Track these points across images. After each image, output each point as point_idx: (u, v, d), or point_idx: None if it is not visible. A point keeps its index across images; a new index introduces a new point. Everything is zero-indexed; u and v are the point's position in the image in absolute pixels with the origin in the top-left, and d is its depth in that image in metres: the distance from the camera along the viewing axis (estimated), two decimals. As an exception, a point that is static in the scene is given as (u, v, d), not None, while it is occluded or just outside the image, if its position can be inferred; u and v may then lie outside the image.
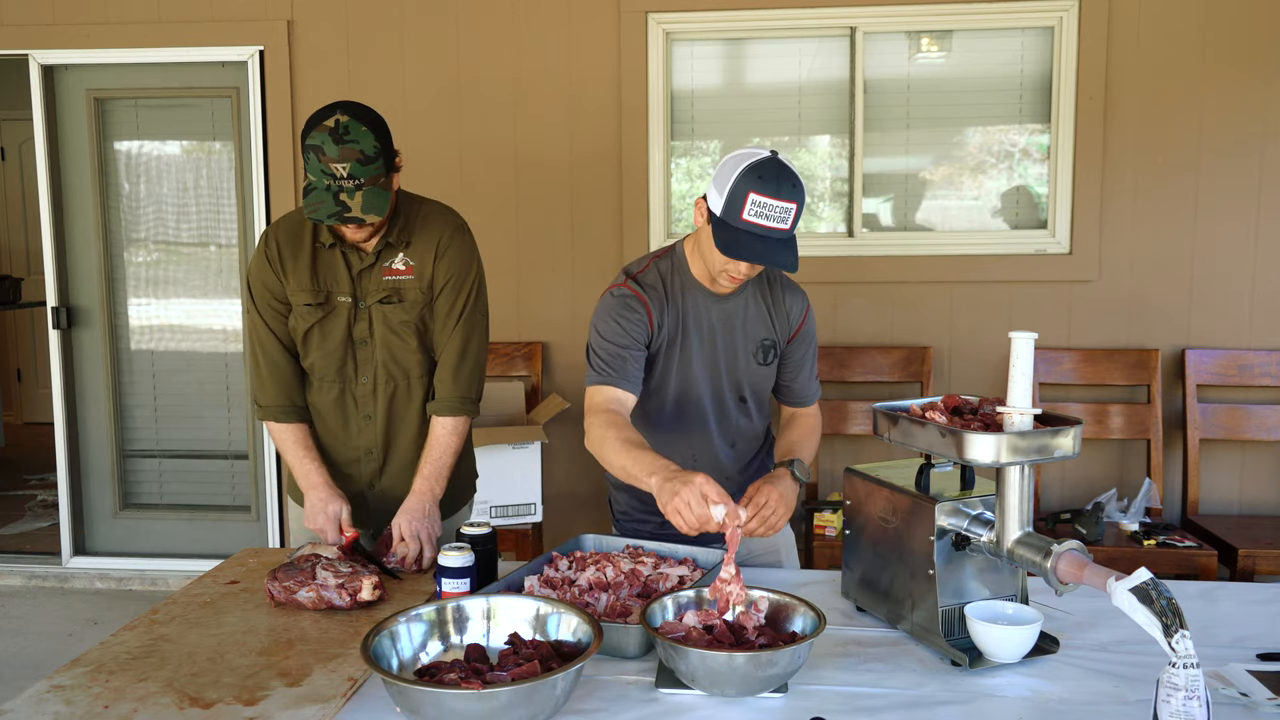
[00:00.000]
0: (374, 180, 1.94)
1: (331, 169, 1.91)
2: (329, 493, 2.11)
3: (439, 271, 2.13)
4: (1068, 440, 1.56)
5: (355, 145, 1.92)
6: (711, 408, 2.11)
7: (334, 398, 2.17)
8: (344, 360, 2.15)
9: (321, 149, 1.91)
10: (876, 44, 3.87)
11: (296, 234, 2.11)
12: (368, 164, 1.93)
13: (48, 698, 1.48)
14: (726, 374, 2.10)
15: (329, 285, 2.11)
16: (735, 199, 1.84)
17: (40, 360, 7.09)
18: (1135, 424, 3.69)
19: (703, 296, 2.06)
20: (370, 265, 2.10)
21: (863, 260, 3.87)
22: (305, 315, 2.11)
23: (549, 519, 3.82)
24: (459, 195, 3.99)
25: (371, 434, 2.20)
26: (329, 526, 2.09)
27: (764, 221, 1.84)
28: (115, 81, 4.27)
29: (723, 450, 2.15)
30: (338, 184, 1.91)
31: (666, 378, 2.09)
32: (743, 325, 2.09)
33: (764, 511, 1.89)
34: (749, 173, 1.84)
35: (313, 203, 1.93)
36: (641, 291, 2.03)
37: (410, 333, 2.14)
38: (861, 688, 1.53)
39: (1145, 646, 1.60)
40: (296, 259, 2.10)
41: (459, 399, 2.16)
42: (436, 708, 1.31)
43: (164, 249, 4.37)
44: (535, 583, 1.82)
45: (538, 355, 3.97)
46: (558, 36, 3.91)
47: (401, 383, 2.17)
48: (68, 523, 4.41)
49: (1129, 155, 3.72)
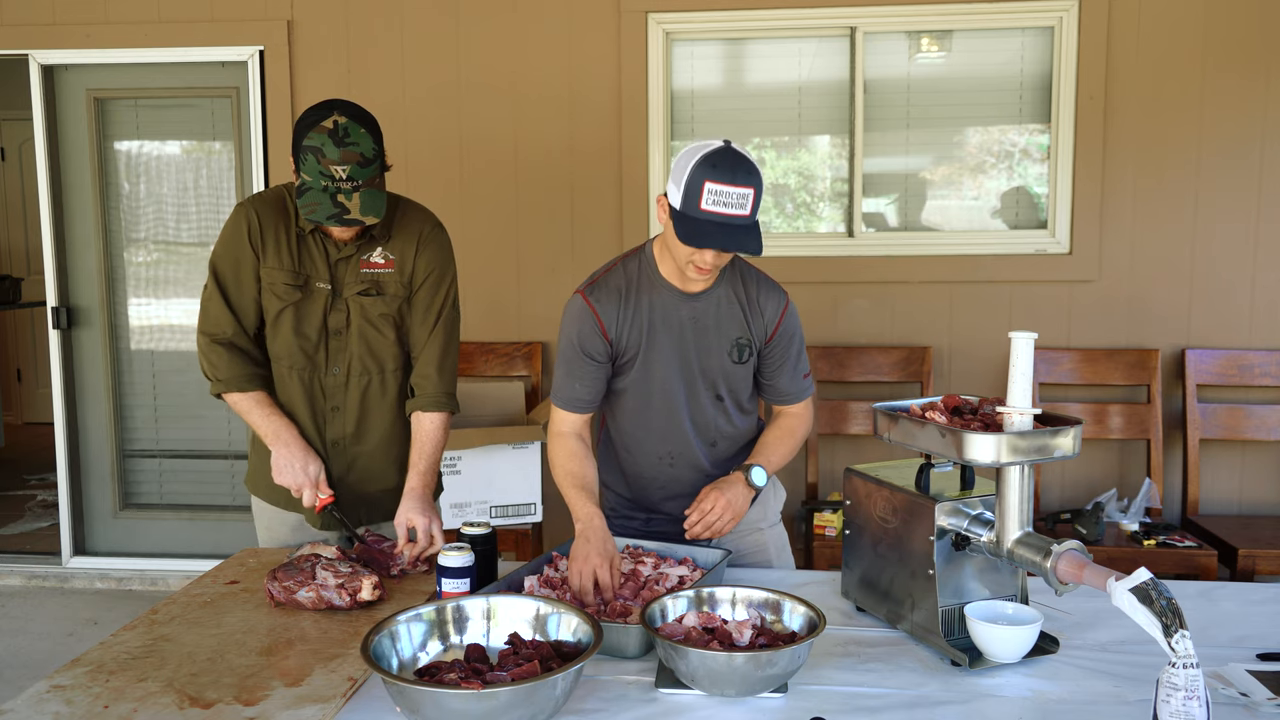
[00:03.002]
0: (371, 182, 1.94)
1: (331, 171, 1.90)
2: (305, 450, 2.08)
3: (419, 265, 2.13)
4: (1068, 440, 1.56)
5: (356, 148, 1.91)
6: (686, 406, 2.11)
7: (301, 386, 2.14)
8: (315, 348, 2.13)
9: (321, 150, 1.90)
10: (876, 44, 3.87)
11: (278, 212, 2.10)
12: (367, 166, 1.93)
13: (48, 698, 1.48)
14: (700, 373, 2.09)
15: (308, 270, 2.09)
16: (692, 190, 1.85)
17: (40, 360, 7.08)
18: (1135, 424, 3.69)
19: (672, 296, 2.06)
20: (348, 257, 2.10)
21: (862, 260, 3.87)
22: (282, 295, 2.08)
23: (549, 519, 3.82)
24: (459, 195, 3.99)
25: (339, 426, 2.17)
26: (307, 487, 2.07)
27: (723, 209, 1.85)
28: (115, 81, 4.27)
29: (700, 450, 2.14)
30: (335, 185, 1.91)
31: (638, 378, 2.09)
32: (715, 324, 2.08)
33: (708, 517, 1.99)
34: (703, 163, 1.85)
35: (309, 203, 1.92)
36: (595, 302, 2.05)
37: (389, 325, 2.14)
38: (861, 688, 1.54)
39: (1145, 646, 1.60)
40: (278, 237, 2.08)
41: (444, 395, 2.16)
42: (436, 708, 1.31)
43: (164, 249, 4.37)
44: (535, 583, 1.83)
45: (538, 355, 3.97)
46: (558, 36, 3.91)
47: (376, 376, 2.17)
48: (68, 523, 4.41)
49: (1129, 155, 3.72)
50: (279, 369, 2.15)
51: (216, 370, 2.10)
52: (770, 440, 2.16)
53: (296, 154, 1.94)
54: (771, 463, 2.11)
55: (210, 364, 2.11)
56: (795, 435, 2.18)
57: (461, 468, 3.47)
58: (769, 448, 2.14)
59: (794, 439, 2.18)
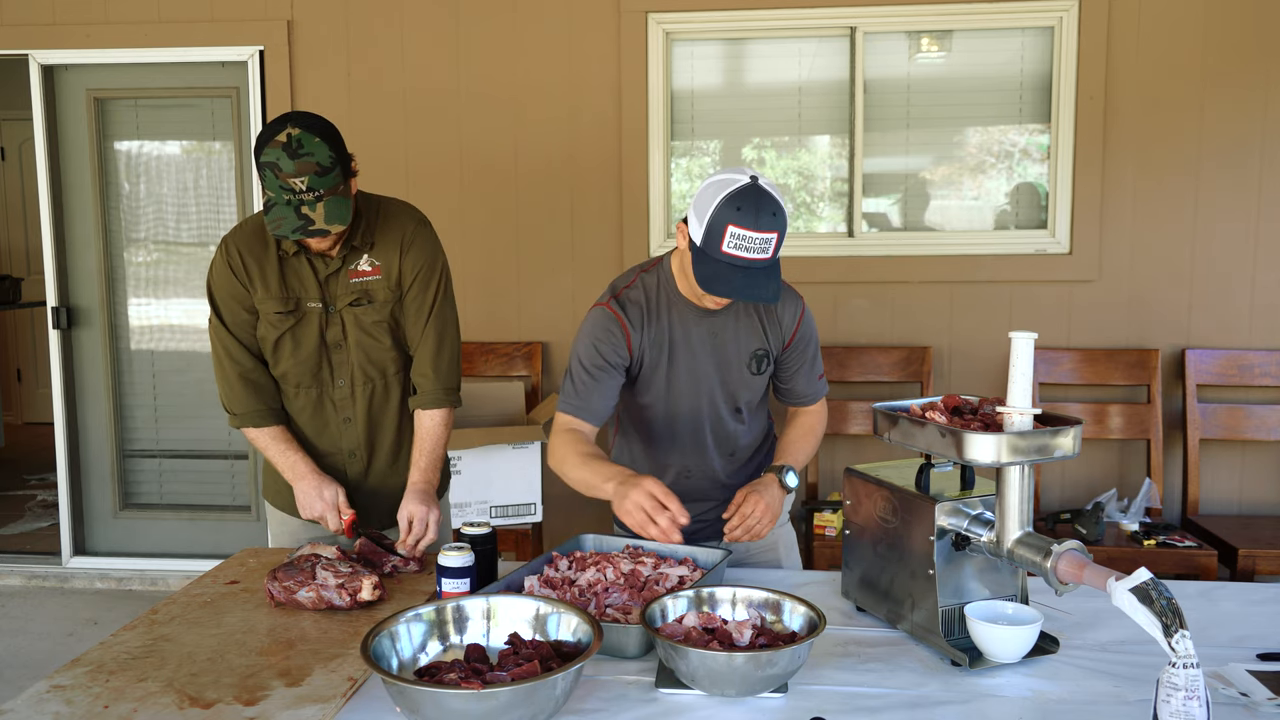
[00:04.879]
0: (333, 190, 1.93)
1: (290, 184, 1.89)
2: (320, 479, 2.11)
3: (406, 266, 2.13)
4: (1068, 440, 1.56)
5: (311, 158, 1.90)
6: (707, 422, 2.11)
7: (311, 403, 2.17)
8: (319, 365, 2.14)
9: (277, 165, 1.89)
10: (876, 44, 3.87)
11: (258, 242, 2.09)
12: (325, 174, 1.91)
13: (48, 698, 1.48)
14: (720, 388, 2.10)
15: (298, 292, 2.10)
16: (714, 231, 1.83)
17: (40, 360, 7.08)
18: (1135, 424, 3.69)
19: (690, 312, 2.06)
20: (336, 270, 2.10)
21: (863, 260, 3.87)
22: (276, 323, 2.10)
23: (549, 519, 3.82)
24: (459, 195, 3.99)
25: (353, 436, 2.20)
26: (329, 512, 2.09)
27: (743, 253, 1.83)
28: (115, 81, 4.27)
29: (718, 462, 2.15)
30: (298, 198, 1.90)
31: (657, 395, 2.09)
32: (734, 338, 2.08)
33: (749, 521, 1.98)
34: (728, 203, 1.81)
35: (275, 219, 1.92)
36: (623, 313, 2.03)
37: (384, 332, 2.14)
38: (861, 688, 1.53)
39: (1145, 646, 1.60)
40: (262, 267, 2.09)
41: (442, 390, 2.17)
42: (436, 708, 1.31)
43: (164, 249, 4.37)
44: (535, 583, 1.82)
45: (538, 355, 3.97)
46: (558, 37, 3.91)
47: (379, 382, 2.18)
48: (68, 523, 4.41)
49: (1129, 155, 3.72)
50: (287, 390, 2.17)
51: (232, 404, 2.15)
52: (793, 439, 2.17)
53: (260, 172, 1.93)
54: (799, 462, 2.12)
55: (227, 398, 2.16)
56: (815, 433, 2.21)
57: (461, 468, 3.47)
58: (794, 446, 2.15)
59: (814, 436, 2.20)
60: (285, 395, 2.18)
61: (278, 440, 2.15)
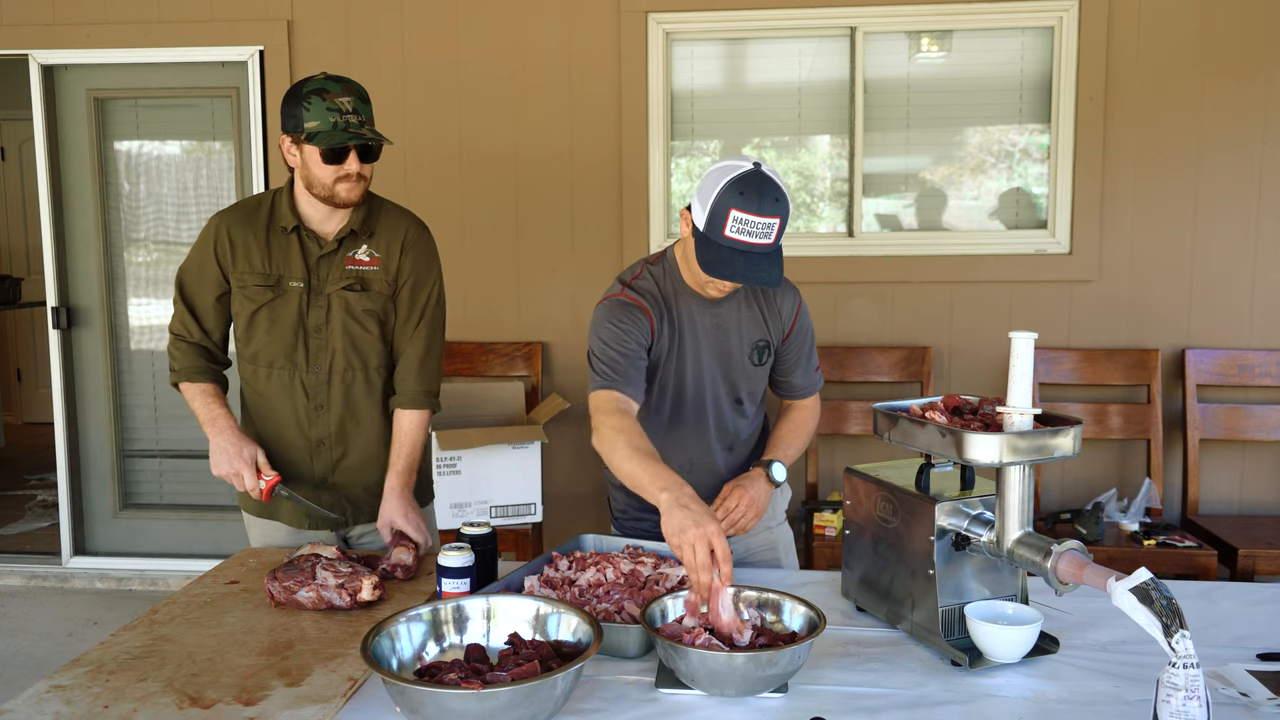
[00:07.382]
0: (372, 122, 2.04)
1: (338, 104, 1.98)
2: (238, 435, 2.10)
3: (405, 265, 2.15)
4: (1068, 440, 1.56)
5: (353, 85, 2.02)
6: (710, 414, 2.11)
7: (282, 386, 2.15)
8: (294, 347, 2.13)
9: (324, 89, 1.98)
10: (876, 44, 3.87)
11: (250, 219, 2.12)
12: (366, 103, 2.03)
13: (48, 698, 1.48)
14: (723, 379, 2.10)
15: (281, 270, 2.11)
16: (717, 216, 1.83)
17: (40, 360, 7.08)
18: (1135, 424, 3.69)
19: (695, 303, 2.06)
20: (331, 253, 2.11)
21: (863, 260, 3.87)
22: (254, 296, 2.10)
23: (549, 519, 3.82)
24: (459, 195, 3.99)
25: (324, 424, 2.17)
26: (246, 470, 2.06)
27: (746, 238, 1.83)
28: (115, 81, 4.27)
29: (720, 455, 2.15)
30: (344, 119, 1.98)
31: (664, 386, 2.09)
32: (737, 329, 2.09)
33: (733, 515, 1.99)
34: (731, 188, 1.82)
35: (325, 137, 1.98)
36: (640, 298, 2.03)
37: (373, 321, 2.14)
38: (861, 688, 1.53)
39: (1145, 646, 1.60)
40: (246, 241, 2.10)
41: (424, 392, 2.17)
42: (436, 708, 1.31)
43: (164, 249, 4.37)
44: (535, 583, 1.82)
45: (538, 355, 3.97)
46: (558, 36, 3.91)
47: (360, 372, 2.16)
48: (68, 523, 4.41)
49: (1129, 155, 3.72)
50: (258, 371, 2.16)
51: (174, 361, 2.18)
52: (784, 434, 2.17)
53: (298, 111, 1.98)
54: (788, 457, 2.12)
55: (171, 356, 2.19)
56: (807, 428, 2.21)
57: (461, 468, 3.47)
58: (784, 442, 2.15)
59: (806, 432, 2.20)
60: (256, 377, 2.17)
61: (207, 394, 2.15)
